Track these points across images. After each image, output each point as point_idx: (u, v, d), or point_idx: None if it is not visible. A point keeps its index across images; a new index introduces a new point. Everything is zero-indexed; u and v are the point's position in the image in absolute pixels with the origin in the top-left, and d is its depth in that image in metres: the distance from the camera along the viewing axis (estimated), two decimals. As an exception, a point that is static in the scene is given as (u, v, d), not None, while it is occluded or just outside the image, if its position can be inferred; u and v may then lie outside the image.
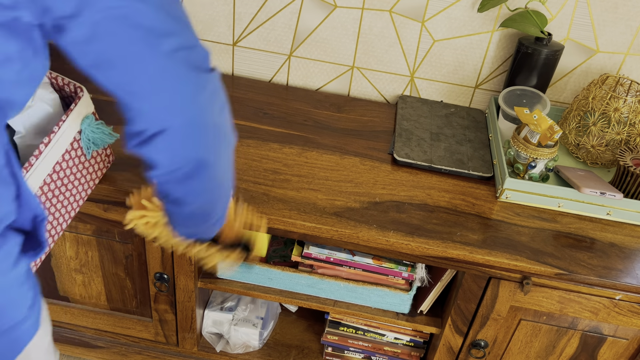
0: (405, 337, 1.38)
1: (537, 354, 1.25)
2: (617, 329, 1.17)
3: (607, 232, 1.15)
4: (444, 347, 1.27)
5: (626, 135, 1.25)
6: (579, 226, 1.16)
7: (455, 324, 1.21)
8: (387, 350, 1.41)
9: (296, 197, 1.14)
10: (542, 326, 1.19)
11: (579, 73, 1.41)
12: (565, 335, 1.20)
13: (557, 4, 1.32)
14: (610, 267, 1.07)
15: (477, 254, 1.06)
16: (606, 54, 1.37)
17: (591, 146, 1.27)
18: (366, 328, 1.38)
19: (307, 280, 1.25)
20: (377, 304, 1.27)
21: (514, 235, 1.11)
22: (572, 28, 1.35)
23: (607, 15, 1.31)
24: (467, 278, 1.12)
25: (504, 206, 1.18)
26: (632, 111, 1.24)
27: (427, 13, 1.37)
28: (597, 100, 1.26)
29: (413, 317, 1.28)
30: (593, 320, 1.16)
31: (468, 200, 1.18)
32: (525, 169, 1.20)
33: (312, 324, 1.54)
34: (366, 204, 1.14)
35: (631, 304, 1.10)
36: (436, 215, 1.14)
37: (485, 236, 1.10)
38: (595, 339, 1.19)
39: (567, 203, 1.17)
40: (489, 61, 1.42)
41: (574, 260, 1.08)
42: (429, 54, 1.43)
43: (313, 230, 1.08)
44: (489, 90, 1.47)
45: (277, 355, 1.45)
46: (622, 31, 1.33)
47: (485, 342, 1.23)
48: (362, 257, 1.21)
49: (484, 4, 1.30)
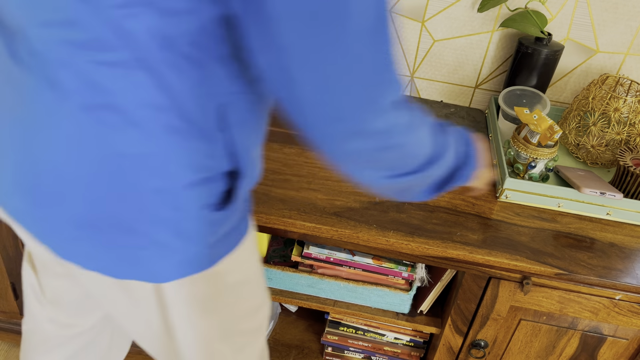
0: (405, 337, 1.38)
1: (537, 354, 1.25)
2: (617, 329, 1.17)
3: (607, 232, 1.15)
4: (444, 347, 1.27)
5: (626, 135, 1.25)
6: (579, 226, 1.16)
7: (455, 324, 1.21)
8: (387, 350, 1.41)
9: (296, 197, 1.14)
10: (542, 326, 1.19)
11: (579, 73, 1.41)
12: (565, 335, 1.20)
13: (557, 4, 1.32)
14: (610, 267, 1.07)
15: (477, 254, 1.06)
16: (606, 54, 1.37)
17: (591, 146, 1.27)
18: (366, 328, 1.38)
19: (307, 280, 1.25)
20: (377, 304, 1.27)
21: (514, 235, 1.11)
22: (572, 28, 1.35)
23: (607, 15, 1.31)
24: (467, 278, 1.13)
25: (504, 206, 1.18)
26: (632, 111, 1.24)
27: (427, 13, 1.37)
28: (597, 100, 1.26)
29: (413, 317, 1.28)
30: (593, 320, 1.16)
31: (468, 200, 1.18)
32: (525, 169, 1.20)
33: (312, 324, 1.54)
34: (366, 204, 1.15)
35: (631, 304, 1.10)
36: (436, 215, 1.14)
37: (485, 236, 1.10)
38: (595, 339, 1.19)
39: (567, 203, 1.17)
40: (489, 61, 1.42)
41: (574, 260, 1.08)
42: (429, 54, 1.43)
43: (313, 230, 1.08)
44: (489, 90, 1.47)
45: (277, 355, 1.45)
46: (622, 31, 1.33)
47: (485, 342, 1.23)
48: (362, 257, 1.21)
49: (484, 4, 1.30)
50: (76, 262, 0.70)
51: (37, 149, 0.65)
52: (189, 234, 0.70)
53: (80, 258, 0.70)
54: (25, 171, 0.66)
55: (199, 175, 0.67)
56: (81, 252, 0.69)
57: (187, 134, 0.64)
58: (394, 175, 0.74)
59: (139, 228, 0.67)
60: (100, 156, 0.63)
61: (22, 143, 0.66)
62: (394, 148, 0.69)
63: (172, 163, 0.65)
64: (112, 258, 0.69)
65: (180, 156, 0.65)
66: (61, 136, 0.63)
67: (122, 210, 0.66)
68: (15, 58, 0.63)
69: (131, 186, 0.65)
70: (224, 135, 0.67)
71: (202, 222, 0.70)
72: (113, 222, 0.66)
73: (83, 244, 0.68)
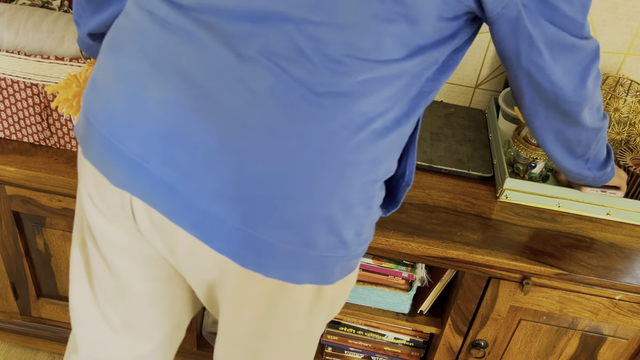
0: (405, 337, 1.38)
1: (537, 354, 1.25)
2: (617, 329, 1.17)
3: (607, 232, 1.15)
4: (444, 347, 1.27)
5: (626, 135, 1.25)
6: (579, 226, 1.16)
7: (455, 324, 1.21)
8: (387, 350, 1.41)
9: (296, 197, 1.14)
10: (542, 326, 1.19)
11: (579, 73, 1.41)
12: (565, 335, 1.20)
13: (557, 4, 1.32)
14: (610, 267, 1.07)
15: (477, 254, 1.06)
16: (606, 54, 1.37)
17: (591, 146, 1.27)
18: (366, 328, 1.38)
19: (307, 280, 1.25)
20: (377, 303, 1.27)
21: (514, 235, 1.11)
22: (572, 28, 1.35)
23: (607, 15, 1.31)
24: (467, 278, 1.12)
25: (504, 206, 1.18)
26: (632, 111, 1.24)
27: (427, 13, 1.37)
28: (597, 100, 1.26)
29: (413, 317, 1.28)
30: (593, 320, 1.16)
31: (468, 200, 1.18)
32: (525, 169, 1.20)
33: (312, 324, 1.54)
34: (366, 204, 1.14)
35: (631, 304, 1.10)
36: (436, 215, 1.14)
37: (485, 236, 1.10)
38: (595, 339, 1.19)
39: (567, 203, 1.17)
40: (489, 61, 1.42)
41: (574, 260, 1.08)
42: (429, 54, 1.43)
43: (313, 230, 1.08)
44: (489, 90, 1.47)
45: (277, 355, 1.45)
46: (622, 31, 1.33)
47: (485, 342, 1.23)
48: (362, 257, 1.21)
49: (484, 4, 1.30)
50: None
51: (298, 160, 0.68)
52: (365, 236, 0.78)
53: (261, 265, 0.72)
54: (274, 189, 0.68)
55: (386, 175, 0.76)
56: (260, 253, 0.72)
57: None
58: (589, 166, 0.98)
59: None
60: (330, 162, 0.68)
61: (271, 149, 0.67)
62: (602, 137, 0.93)
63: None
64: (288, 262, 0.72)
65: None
66: (316, 148, 0.67)
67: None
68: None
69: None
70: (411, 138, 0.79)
71: (371, 224, 0.78)
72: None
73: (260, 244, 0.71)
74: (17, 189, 1.19)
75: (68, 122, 1.15)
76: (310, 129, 0.66)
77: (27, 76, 1.09)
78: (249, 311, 0.80)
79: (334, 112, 0.66)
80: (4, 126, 1.18)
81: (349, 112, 0.67)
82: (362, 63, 0.65)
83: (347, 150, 0.68)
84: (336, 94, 0.66)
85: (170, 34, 0.69)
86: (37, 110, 1.14)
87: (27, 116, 1.15)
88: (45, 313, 1.44)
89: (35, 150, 1.18)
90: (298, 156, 0.66)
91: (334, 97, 0.66)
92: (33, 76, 1.09)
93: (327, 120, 0.66)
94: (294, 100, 0.65)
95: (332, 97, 0.66)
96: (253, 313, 0.80)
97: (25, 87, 1.10)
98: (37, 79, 1.09)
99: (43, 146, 1.19)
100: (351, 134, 0.68)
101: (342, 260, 0.75)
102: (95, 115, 0.73)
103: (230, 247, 0.70)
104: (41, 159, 1.16)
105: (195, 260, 0.77)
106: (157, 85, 0.69)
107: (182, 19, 0.68)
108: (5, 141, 1.20)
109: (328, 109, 0.66)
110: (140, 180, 0.71)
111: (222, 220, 0.69)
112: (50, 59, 1.07)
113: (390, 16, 0.63)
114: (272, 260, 0.71)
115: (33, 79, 1.09)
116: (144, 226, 0.77)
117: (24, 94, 1.12)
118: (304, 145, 0.66)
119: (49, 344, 1.51)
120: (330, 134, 0.67)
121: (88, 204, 0.82)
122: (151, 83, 0.69)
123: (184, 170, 0.68)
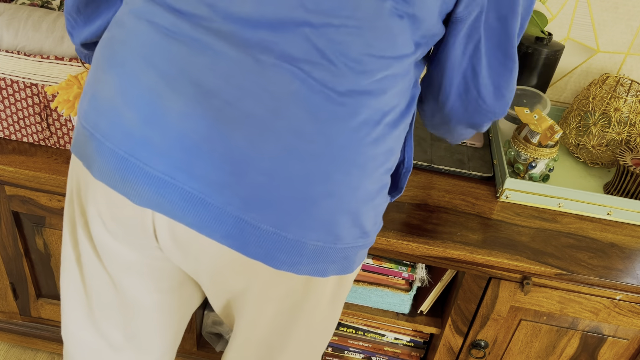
0: (405, 337, 1.37)
1: (537, 354, 1.25)
2: (617, 329, 1.17)
3: (607, 232, 1.15)
4: (444, 347, 1.26)
5: (626, 135, 1.25)
6: (579, 226, 1.15)
7: (455, 324, 1.21)
8: (387, 350, 1.41)
9: (296, 197, 1.14)
10: (542, 326, 1.19)
11: (579, 73, 1.41)
12: (566, 336, 1.20)
13: (557, 4, 1.32)
14: (610, 267, 1.07)
15: (477, 254, 1.06)
16: (606, 54, 1.37)
17: (591, 146, 1.27)
18: (366, 328, 1.38)
19: (307, 281, 1.25)
20: (377, 304, 1.27)
21: (514, 235, 1.11)
22: (573, 28, 1.35)
23: (608, 15, 1.31)
24: (467, 278, 1.12)
25: (504, 206, 1.18)
26: (632, 111, 1.24)
27: (427, 13, 1.37)
28: (598, 100, 1.26)
29: (413, 317, 1.28)
30: (593, 321, 1.16)
31: (468, 200, 1.18)
32: (525, 169, 1.20)
33: (312, 324, 1.54)
34: (366, 204, 1.14)
35: (631, 304, 1.10)
36: (436, 215, 1.14)
37: (486, 236, 1.10)
38: (596, 339, 1.19)
39: (567, 203, 1.17)
40: (489, 61, 1.42)
41: (574, 260, 1.07)
42: (429, 53, 1.43)
43: (313, 230, 1.08)
44: (489, 90, 1.46)
45: (277, 355, 1.45)
46: (622, 31, 1.33)
47: (486, 342, 1.23)
48: (362, 257, 1.21)
49: (484, 4, 1.30)
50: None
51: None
52: (380, 223, 0.82)
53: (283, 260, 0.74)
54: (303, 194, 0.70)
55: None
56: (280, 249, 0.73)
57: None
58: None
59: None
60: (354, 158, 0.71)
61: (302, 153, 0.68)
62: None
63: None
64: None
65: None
66: (341, 146, 0.69)
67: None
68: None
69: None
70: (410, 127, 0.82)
71: (383, 211, 0.81)
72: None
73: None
74: (16, 189, 1.19)
75: (68, 122, 1.15)
76: (335, 128, 0.68)
77: (27, 76, 1.09)
78: (271, 308, 0.81)
79: (356, 110, 0.69)
80: (3, 126, 1.18)
81: (369, 109, 0.70)
82: (380, 61, 0.68)
83: (367, 145, 0.71)
84: (357, 92, 0.68)
85: (180, 45, 0.67)
86: (36, 110, 1.13)
87: (26, 116, 1.15)
88: (44, 313, 1.44)
89: (34, 150, 1.18)
90: (325, 155, 0.68)
91: (356, 96, 0.68)
92: (33, 76, 1.09)
93: (349, 119, 0.69)
94: (319, 101, 0.67)
95: (354, 95, 0.68)
96: (275, 310, 0.81)
97: (25, 87, 1.10)
98: (37, 78, 1.09)
99: (43, 146, 1.19)
100: (370, 129, 0.71)
101: (361, 248, 0.78)
102: (107, 134, 0.71)
103: (265, 251, 0.71)
104: (41, 159, 1.16)
105: (220, 270, 0.77)
106: (174, 99, 0.67)
107: (190, 29, 0.67)
108: (5, 141, 1.20)
109: (350, 107, 0.68)
110: (168, 197, 0.70)
111: (256, 226, 0.69)
112: (49, 59, 1.07)
113: (401, 13, 0.66)
114: (304, 259, 0.72)
115: (33, 79, 1.09)
116: (165, 243, 0.77)
117: (23, 94, 1.11)
118: (330, 144, 0.68)
119: (48, 344, 1.51)
120: (353, 131, 0.69)
121: (96, 222, 0.80)
122: (167, 97, 0.67)
123: (212, 181, 0.68)
